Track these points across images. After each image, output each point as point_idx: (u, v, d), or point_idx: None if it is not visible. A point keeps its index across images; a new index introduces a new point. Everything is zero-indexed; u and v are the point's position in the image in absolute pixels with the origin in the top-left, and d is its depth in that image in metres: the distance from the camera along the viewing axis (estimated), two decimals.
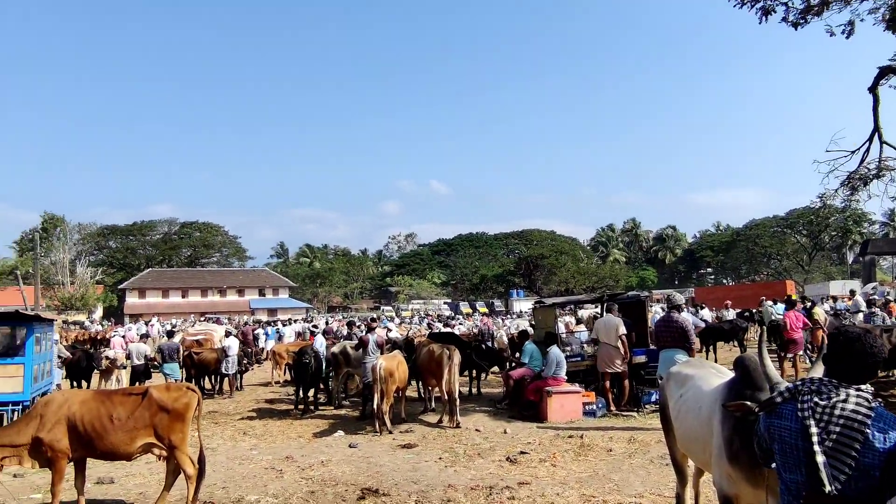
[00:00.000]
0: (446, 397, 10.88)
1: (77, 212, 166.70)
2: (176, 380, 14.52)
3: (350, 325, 19.16)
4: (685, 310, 12.01)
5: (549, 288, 70.27)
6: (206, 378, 16.59)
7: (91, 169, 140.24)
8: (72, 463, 6.29)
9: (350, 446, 9.46)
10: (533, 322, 16.23)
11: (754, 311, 21.65)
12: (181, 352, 15.35)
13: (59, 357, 14.22)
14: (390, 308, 69.47)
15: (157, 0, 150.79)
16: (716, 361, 13.35)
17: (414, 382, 13.47)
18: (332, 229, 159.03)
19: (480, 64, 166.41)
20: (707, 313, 21.43)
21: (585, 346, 13.55)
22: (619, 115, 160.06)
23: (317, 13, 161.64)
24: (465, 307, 62.84)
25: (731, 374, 4.34)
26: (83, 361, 15.44)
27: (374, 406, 10.51)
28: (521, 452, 8.59)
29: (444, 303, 70.37)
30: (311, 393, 13.26)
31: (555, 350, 11.33)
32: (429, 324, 30.46)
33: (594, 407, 11.11)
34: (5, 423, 8.79)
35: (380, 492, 6.88)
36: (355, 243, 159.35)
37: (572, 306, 22.26)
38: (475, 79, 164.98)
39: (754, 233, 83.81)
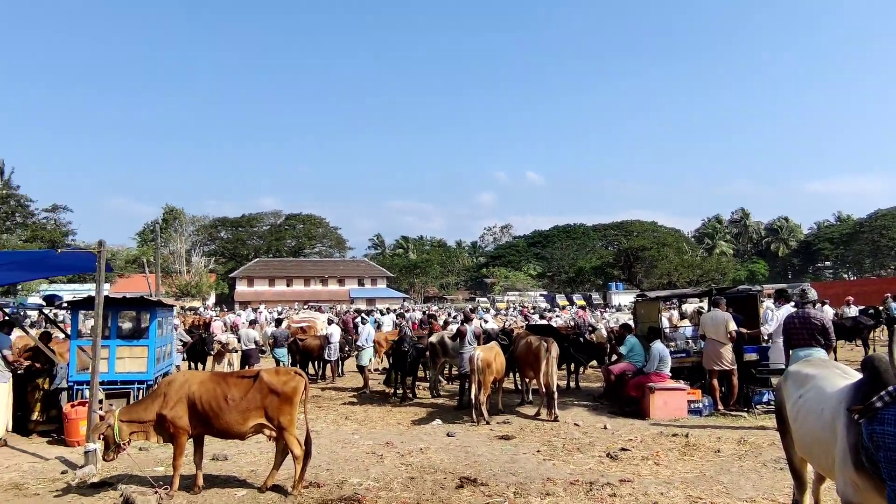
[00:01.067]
0: (544, 390, 10.75)
1: (192, 204, 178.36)
2: (285, 364, 15.31)
3: (431, 317, 19.31)
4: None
5: (650, 281, 67.96)
6: (310, 363, 17.26)
7: (204, 164, 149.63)
8: (191, 440, 6.74)
9: (448, 435, 9.55)
10: (634, 316, 15.72)
11: (880, 307, 19.93)
12: (288, 338, 16.23)
13: (180, 341, 15.28)
14: (485, 299, 69.64)
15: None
16: (835, 360, 12.41)
17: (511, 374, 13.44)
18: (428, 221, 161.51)
19: (582, 59, 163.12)
20: (829, 310, 19.95)
21: (690, 341, 12.98)
22: (729, 104, 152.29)
23: (422, 19, 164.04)
24: (561, 299, 61.98)
25: (858, 376, 4.00)
26: (199, 345, 16.49)
27: (472, 396, 10.56)
28: (622, 449, 8.36)
29: (540, 295, 69.70)
30: (408, 381, 13.50)
31: (658, 345, 10.93)
32: (525, 315, 30.25)
33: (700, 405, 10.63)
34: (132, 401, 9.52)
35: (478, 481, 6.89)
36: (451, 234, 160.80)
37: (676, 300, 21.40)
38: (573, 73, 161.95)
39: (880, 224, 77.46)
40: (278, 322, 19.08)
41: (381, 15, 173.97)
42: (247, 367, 14.97)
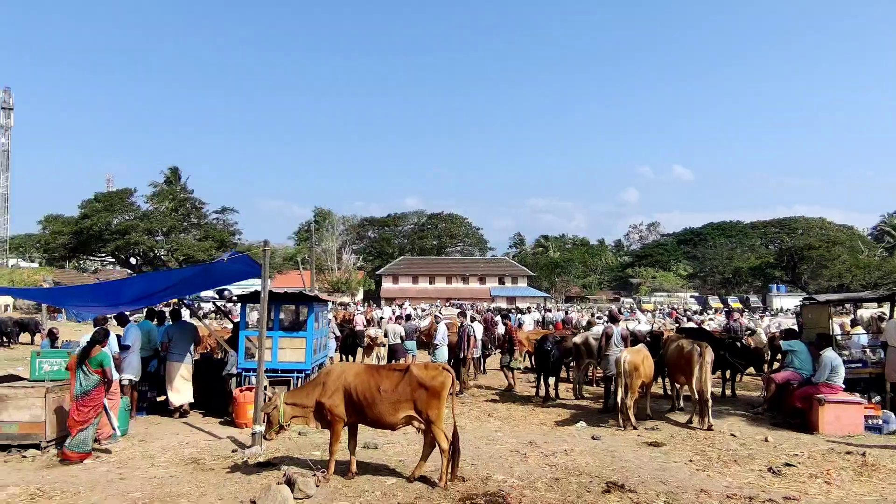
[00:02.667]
0: (697, 397, 10.17)
1: (341, 206, 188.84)
2: (414, 356, 15.80)
3: (504, 317, 18.77)
4: None
5: (818, 283, 62.16)
6: (452, 360, 17.59)
7: (349, 167, 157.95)
8: (346, 427, 7.13)
9: (593, 438, 9.33)
10: (799, 321, 14.42)
11: None
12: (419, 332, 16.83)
13: (334, 334, 16.28)
14: (631, 300, 67.21)
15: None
16: None
17: (660, 379, 12.87)
18: (569, 219, 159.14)
19: (739, 50, 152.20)
20: None
21: (868, 350, 11.68)
22: None
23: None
24: (714, 301, 58.34)
25: None
26: (350, 338, 17.47)
27: (618, 400, 10.23)
28: (787, 464, 7.70)
29: (691, 296, 66.11)
30: (552, 381, 13.35)
31: (829, 353, 9.94)
32: (676, 318, 28.82)
33: (879, 422, 9.54)
34: (292, 388, 10.25)
35: (626, 487, 6.66)
36: (592, 233, 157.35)
37: (850, 305, 19.36)
38: (723, 60, 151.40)
39: None
40: (407, 318, 19.84)
41: (521, 8, 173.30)
42: (393, 360, 15.59)
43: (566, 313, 28.16)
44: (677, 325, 22.91)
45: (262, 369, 8.86)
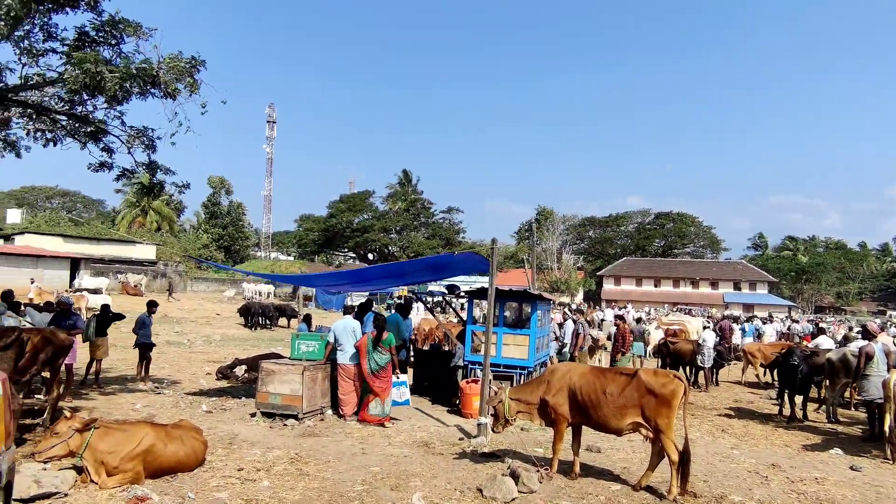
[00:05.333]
0: None
1: (561, 204, 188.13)
2: (641, 356, 15.22)
3: (619, 318, 16.44)
4: None
5: None
6: (681, 368, 16.59)
7: (570, 167, 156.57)
8: (570, 428, 7.08)
9: (851, 468, 8.15)
10: None
11: None
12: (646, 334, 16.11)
13: (554, 333, 16.27)
14: None
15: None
16: None
17: None
18: (821, 218, 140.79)
19: None
20: None
21: None
22: None
23: None
24: None
25: None
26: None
27: (886, 428, 8.79)
28: None
29: None
30: (799, 400, 11.92)
31: None
32: None
33: None
34: (515, 384, 10.45)
35: None
36: (851, 235, 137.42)
37: None
38: None
39: None
40: (637, 321, 19.03)
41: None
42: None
43: (817, 325, 24.92)
44: None
45: (488, 363, 9.17)
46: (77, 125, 10.18)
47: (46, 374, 8.69)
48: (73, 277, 35.28)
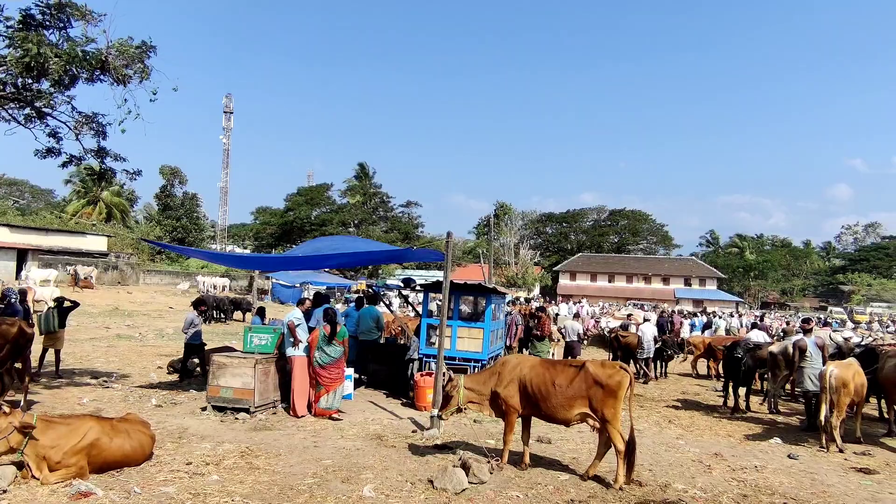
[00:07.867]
0: None
1: (520, 201, 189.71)
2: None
3: (540, 310, 16.62)
4: None
5: None
6: (631, 362, 16.97)
7: (529, 163, 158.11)
8: (520, 419, 7.19)
9: (789, 457, 8.51)
10: None
11: None
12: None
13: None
14: (840, 310, 59.84)
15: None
16: None
17: (873, 399, 11.36)
18: (768, 217, 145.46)
19: None
20: None
21: None
22: None
23: None
24: None
25: None
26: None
27: (822, 418, 9.19)
28: None
29: None
30: (742, 392, 12.36)
31: None
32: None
33: None
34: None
35: None
36: (796, 233, 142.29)
37: None
38: None
39: None
40: (575, 316, 19.52)
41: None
42: (569, 357, 15.39)
43: (760, 320, 25.82)
44: None
45: (442, 356, 9.23)
46: (20, 106, 9.82)
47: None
48: (19, 269, 34.05)
